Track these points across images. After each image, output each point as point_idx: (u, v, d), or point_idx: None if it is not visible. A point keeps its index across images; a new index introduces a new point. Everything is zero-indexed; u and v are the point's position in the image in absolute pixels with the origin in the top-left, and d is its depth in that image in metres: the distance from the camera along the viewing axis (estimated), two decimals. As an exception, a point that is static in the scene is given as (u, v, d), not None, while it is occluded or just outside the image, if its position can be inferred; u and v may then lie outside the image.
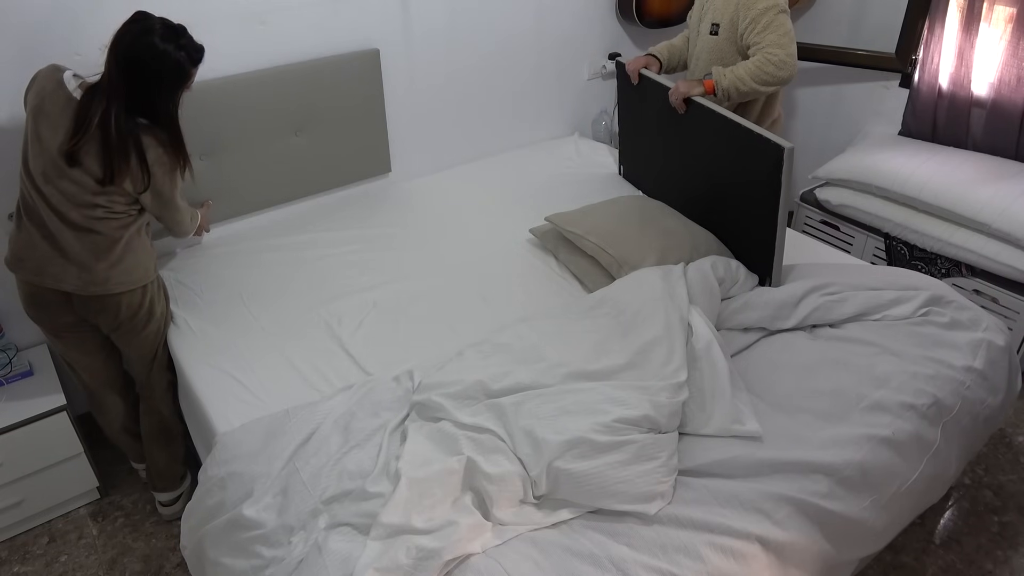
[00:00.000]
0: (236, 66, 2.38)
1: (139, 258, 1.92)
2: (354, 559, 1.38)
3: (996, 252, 2.48)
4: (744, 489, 1.51)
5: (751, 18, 2.31)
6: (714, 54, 2.46)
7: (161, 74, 1.74)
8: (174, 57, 1.74)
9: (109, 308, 1.90)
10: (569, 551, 1.41)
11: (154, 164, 1.80)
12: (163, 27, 1.73)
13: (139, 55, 1.71)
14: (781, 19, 2.30)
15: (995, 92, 2.70)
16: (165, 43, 1.72)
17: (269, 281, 2.30)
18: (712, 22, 2.44)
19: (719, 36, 2.42)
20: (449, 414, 1.66)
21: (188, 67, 1.78)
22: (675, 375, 1.70)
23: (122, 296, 1.90)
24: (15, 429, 2.04)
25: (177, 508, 2.23)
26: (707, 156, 2.34)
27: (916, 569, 2.06)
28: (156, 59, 1.72)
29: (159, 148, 1.80)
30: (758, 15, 2.30)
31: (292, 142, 2.57)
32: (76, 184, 1.76)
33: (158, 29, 1.72)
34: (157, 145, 1.80)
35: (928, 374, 1.79)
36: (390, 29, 2.69)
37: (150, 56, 1.71)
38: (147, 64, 1.71)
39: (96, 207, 1.79)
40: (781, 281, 2.17)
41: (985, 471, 2.35)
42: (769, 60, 2.30)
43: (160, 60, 1.72)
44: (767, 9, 2.29)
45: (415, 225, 2.63)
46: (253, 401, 1.83)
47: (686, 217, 2.41)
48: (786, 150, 1.97)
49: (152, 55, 1.71)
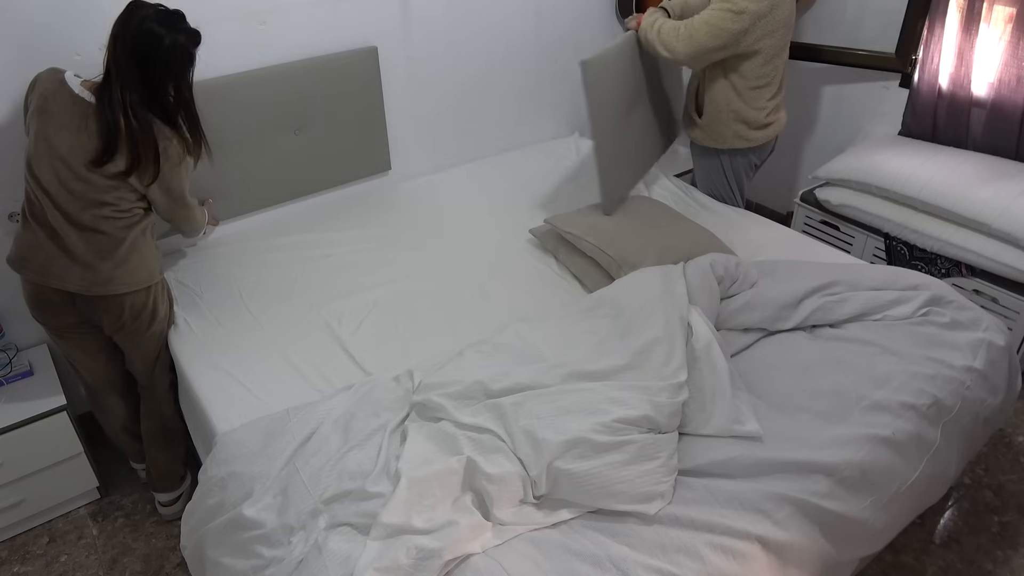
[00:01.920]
0: (235, 65, 2.38)
1: (144, 259, 1.92)
2: (354, 559, 1.38)
3: (996, 252, 2.48)
4: (744, 489, 1.51)
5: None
6: None
7: (169, 61, 1.74)
8: (179, 42, 1.74)
9: (113, 309, 1.90)
10: (569, 551, 1.41)
11: (161, 156, 1.80)
12: (160, 14, 1.73)
13: (145, 46, 1.70)
14: (726, 16, 2.27)
15: (995, 92, 2.69)
16: (167, 30, 1.72)
17: (269, 281, 2.30)
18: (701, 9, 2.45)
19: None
20: (449, 414, 1.66)
21: (192, 49, 1.79)
22: (675, 375, 1.70)
23: (126, 297, 1.90)
24: (15, 429, 2.04)
25: (177, 508, 2.23)
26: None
27: (916, 569, 2.06)
28: (161, 48, 1.71)
29: (166, 140, 1.81)
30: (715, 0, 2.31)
31: (291, 141, 2.57)
32: (85, 183, 1.76)
33: (156, 16, 1.72)
34: (164, 137, 1.80)
35: (928, 374, 1.79)
36: (389, 28, 2.69)
37: (156, 45, 1.71)
38: (155, 53, 1.71)
39: (104, 205, 1.79)
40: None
41: (985, 471, 2.35)
42: (679, 30, 2.31)
43: (166, 48, 1.72)
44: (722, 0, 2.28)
45: (415, 225, 2.63)
46: (253, 401, 1.83)
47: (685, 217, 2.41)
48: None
49: (157, 44, 1.71)
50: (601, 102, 2.27)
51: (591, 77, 2.21)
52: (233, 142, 2.42)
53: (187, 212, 1.99)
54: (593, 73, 2.21)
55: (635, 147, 2.58)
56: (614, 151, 2.40)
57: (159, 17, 1.72)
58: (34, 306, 1.92)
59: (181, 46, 1.75)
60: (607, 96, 2.30)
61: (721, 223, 2.58)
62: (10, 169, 2.08)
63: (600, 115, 2.28)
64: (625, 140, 2.48)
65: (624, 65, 2.38)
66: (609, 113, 2.32)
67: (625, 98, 2.41)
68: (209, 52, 2.30)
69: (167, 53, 1.73)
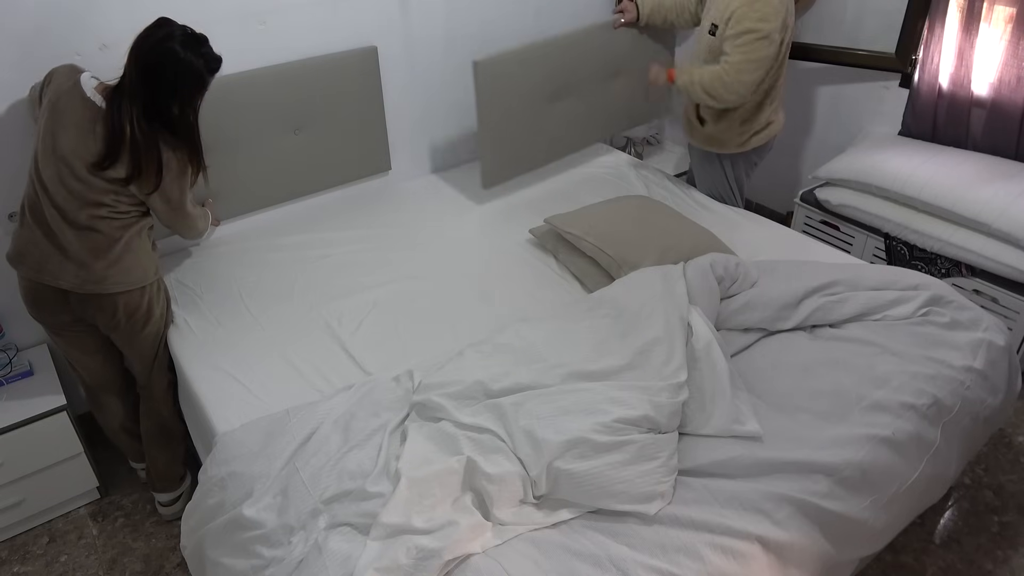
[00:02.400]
0: (235, 65, 2.37)
1: (139, 259, 1.92)
2: (354, 559, 1.38)
3: (996, 252, 2.48)
4: (744, 489, 1.51)
5: (735, 31, 2.35)
6: (712, 54, 2.49)
7: (177, 81, 1.76)
8: (195, 65, 1.76)
9: (106, 308, 1.90)
10: (569, 551, 1.41)
11: (164, 168, 1.82)
12: (184, 35, 1.75)
13: (159, 61, 1.73)
14: (757, 46, 2.32)
15: (995, 92, 2.69)
16: (186, 51, 1.74)
17: (269, 281, 2.30)
18: (712, 22, 2.46)
19: (716, 37, 2.45)
20: (449, 414, 1.66)
21: (206, 75, 1.81)
22: (675, 375, 1.70)
23: (119, 296, 1.90)
24: (15, 429, 2.04)
25: (177, 508, 2.23)
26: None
27: (916, 569, 2.06)
28: (175, 66, 1.73)
29: (169, 152, 1.82)
30: (740, 32, 2.34)
31: (291, 141, 2.57)
32: (84, 183, 1.77)
33: (179, 36, 1.74)
34: (168, 149, 1.82)
35: (928, 374, 1.79)
36: (389, 28, 2.69)
37: (170, 63, 1.73)
38: (165, 70, 1.73)
39: (101, 206, 1.80)
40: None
41: (985, 471, 2.35)
42: (723, 78, 2.38)
43: (179, 67, 1.74)
44: (749, 31, 2.32)
45: (415, 225, 2.63)
46: (253, 401, 1.83)
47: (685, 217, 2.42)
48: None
49: (172, 61, 1.73)
50: (488, 100, 2.53)
51: (479, 76, 2.47)
52: (233, 142, 2.42)
53: (187, 221, 2.00)
54: (482, 73, 2.46)
55: (540, 135, 2.82)
56: (500, 138, 2.67)
57: (183, 38, 1.75)
58: (30, 303, 1.93)
59: (195, 69, 1.77)
60: (496, 95, 2.55)
61: (721, 223, 2.58)
62: (10, 169, 2.08)
63: (485, 110, 2.54)
64: (523, 129, 2.73)
65: (527, 68, 2.62)
66: (495, 109, 2.57)
67: (528, 94, 2.67)
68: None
69: (178, 72, 1.75)
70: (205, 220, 2.14)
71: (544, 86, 2.71)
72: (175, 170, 1.84)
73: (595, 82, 2.89)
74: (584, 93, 2.88)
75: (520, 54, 2.59)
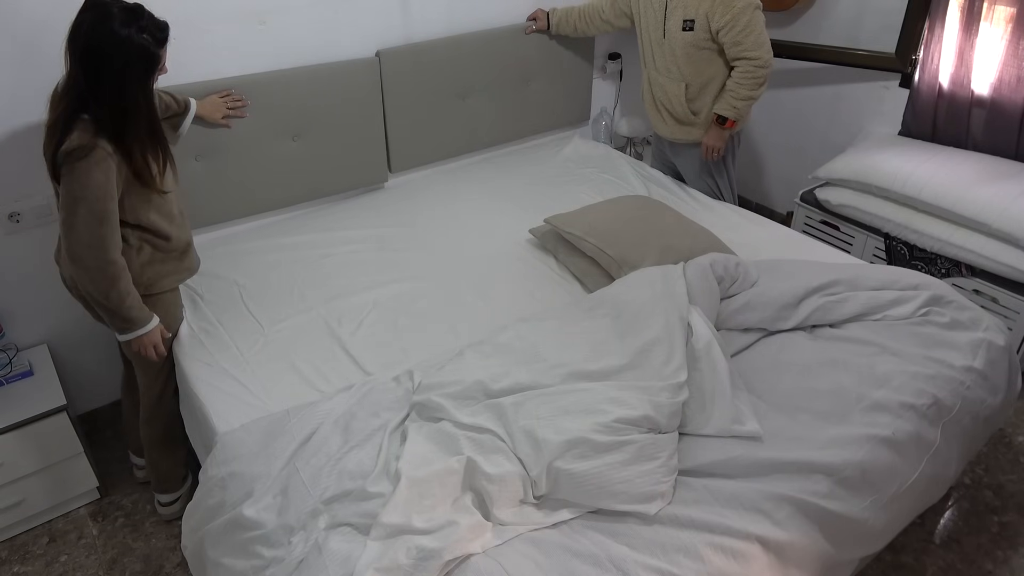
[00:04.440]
0: (235, 69, 2.37)
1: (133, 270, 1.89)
2: (354, 559, 1.38)
3: (996, 252, 2.48)
4: (744, 489, 1.51)
5: (731, 16, 2.41)
6: (691, 48, 2.54)
7: (127, 63, 1.57)
8: (137, 42, 1.57)
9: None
10: (569, 551, 1.41)
11: (63, 154, 1.59)
12: (120, 10, 1.57)
13: (99, 45, 1.55)
14: (756, 16, 2.43)
15: (995, 92, 2.70)
16: (125, 28, 1.55)
17: (269, 281, 2.29)
18: (684, 19, 2.51)
19: (695, 32, 2.51)
20: (449, 414, 1.66)
21: (155, 50, 1.62)
22: (675, 375, 1.70)
23: None
24: (15, 429, 2.04)
25: (177, 508, 2.23)
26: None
27: (916, 569, 2.06)
28: (118, 47, 1.55)
29: (75, 140, 1.59)
30: (738, 14, 2.40)
31: (289, 147, 2.57)
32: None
33: (116, 14, 1.55)
34: (77, 136, 1.59)
35: (928, 374, 1.79)
36: (390, 32, 2.69)
37: (112, 45, 1.55)
38: (110, 55, 1.55)
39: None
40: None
41: (985, 471, 2.35)
42: (754, 65, 2.46)
43: (123, 48, 1.56)
44: (745, 8, 2.38)
45: (415, 225, 2.63)
46: (253, 401, 1.83)
47: (685, 217, 2.42)
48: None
49: (113, 43, 1.55)
50: (392, 87, 2.72)
51: (384, 65, 2.66)
52: (232, 144, 2.42)
53: (70, 224, 1.63)
54: (387, 63, 2.67)
55: (449, 129, 2.98)
56: (406, 126, 2.84)
57: (121, 16, 1.57)
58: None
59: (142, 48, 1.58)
60: (401, 85, 2.74)
61: (721, 223, 2.58)
62: (10, 169, 2.08)
63: (391, 97, 2.73)
64: (431, 120, 2.90)
65: (434, 62, 2.79)
66: (401, 98, 2.76)
67: (436, 88, 2.85)
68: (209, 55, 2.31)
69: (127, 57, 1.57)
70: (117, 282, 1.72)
71: (453, 82, 2.88)
72: (73, 158, 1.58)
73: (507, 84, 3.06)
74: (494, 94, 3.05)
75: (427, 48, 2.75)
